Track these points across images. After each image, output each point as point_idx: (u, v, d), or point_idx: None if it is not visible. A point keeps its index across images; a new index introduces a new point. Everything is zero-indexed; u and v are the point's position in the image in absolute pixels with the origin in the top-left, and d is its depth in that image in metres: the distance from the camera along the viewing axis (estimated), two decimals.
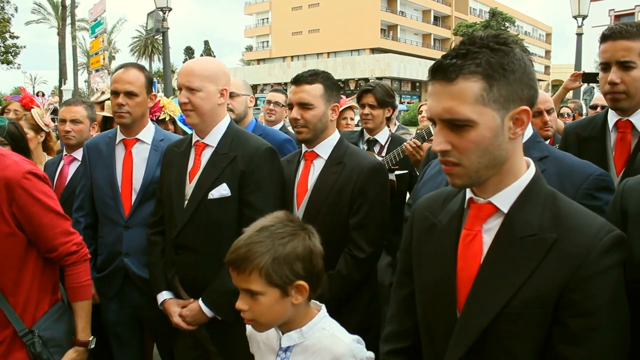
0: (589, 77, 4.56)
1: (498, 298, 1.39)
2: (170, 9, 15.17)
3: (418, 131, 3.99)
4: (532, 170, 1.50)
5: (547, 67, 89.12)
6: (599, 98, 6.29)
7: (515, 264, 1.40)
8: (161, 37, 16.26)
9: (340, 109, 4.01)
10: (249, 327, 1.95)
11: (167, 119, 4.54)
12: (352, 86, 58.01)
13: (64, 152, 3.86)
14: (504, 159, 1.43)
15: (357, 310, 2.77)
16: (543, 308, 1.36)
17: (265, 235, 1.74)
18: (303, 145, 2.93)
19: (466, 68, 1.37)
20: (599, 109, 6.10)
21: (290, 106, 2.86)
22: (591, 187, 2.01)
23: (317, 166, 2.86)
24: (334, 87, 2.92)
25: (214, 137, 2.86)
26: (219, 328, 2.79)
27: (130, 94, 3.15)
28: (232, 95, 3.90)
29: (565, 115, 8.58)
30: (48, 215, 2.39)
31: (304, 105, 2.80)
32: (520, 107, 1.40)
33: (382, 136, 4.12)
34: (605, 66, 2.60)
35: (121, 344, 3.31)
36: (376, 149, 4.17)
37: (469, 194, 1.54)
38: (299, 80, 2.86)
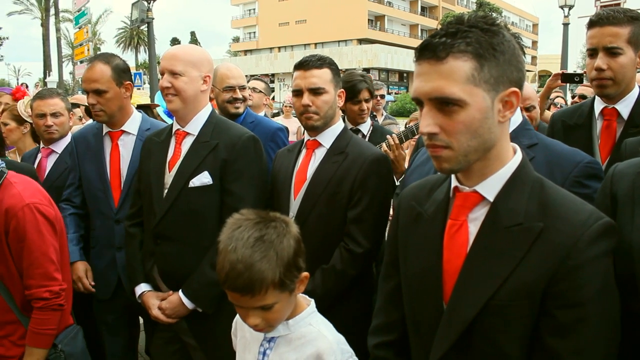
0: (568, 78, 4.56)
1: (484, 290, 1.36)
2: None
3: (407, 125, 3.96)
4: (518, 156, 1.46)
5: (534, 58, 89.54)
6: (583, 88, 6.32)
7: (501, 255, 1.36)
8: (146, 28, 16.13)
9: None
10: (237, 317, 1.92)
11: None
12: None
13: (41, 145, 3.79)
14: (493, 143, 1.39)
15: (351, 307, 2.65)
16: (530, 299, 1.32)
17: (264, 248, 1.64)
18: (305, 133, 2.83)
19: (456, 47, 1.32)
20: (577, 99, 6.14)
21: (296, 93, 2.72)
22: (580, 174, 1.99)
23: (319, 155, 2.74)
24: (339, 73, 2.81)
25: (195, 125, 2.80)
26: (199, 320, 2.74)
27: (98, 92, 3.08)
28: (243, 89, 3.82)
29: (559, 106, 8.62)
30: (34, 254, 2.38)
31: (316, 91, 2.66)
32: (510, 89, 1.37)
33: (365, 126, 4.09)
34: (593, 52, 2.59)
35: (111, 332, 3.28)
36: None
37: (454, 182, 1.50)
38: (307, 64, 2.70)
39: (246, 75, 4.21)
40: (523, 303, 1.33)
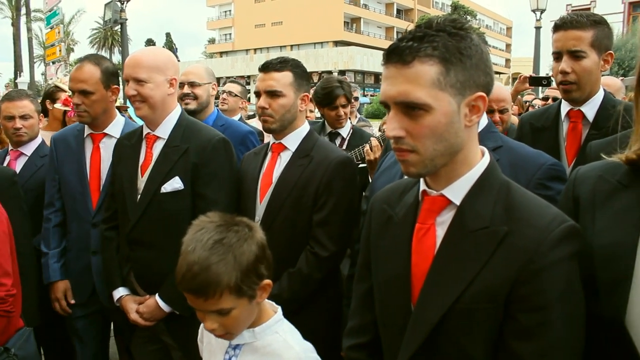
0: (536, 81, 4.63)
1: (449, 293, 1.36)
2: (128, 0, 14.87)
3: (383, 127, 3.99)
4: (486, 159, 1.46)
5: (507, 60, 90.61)
6: (552, 90, 6.44)
7: (466, 258, 1.37)
8: (120, 29, 15.96)
9: None
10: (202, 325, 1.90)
11: None
12: (315, 79, 57.85)
13: (10, 147, 3.72)
14: (460, 147, 1.39)
15: (319, 312, 2.65)
16: (494, 303, 1.33)
17: (223, 251, 1.61)
18: (271, 136, 2.82)
19: (423, 51, 1.32)
20: (550, 101, 6.24)
21: (257, 94, 2.73)
22: (543, 176, 2.01)
23: (284, 159, 2.72)
24: (304, 76, 2.78)
25: (164, 129, 2.79)
26: (177, 323, 2.73)
27: (84, 93, 3.03)
28: (194, 85, 3.84)
29: (528, 104, 8.77)
30: None
31: (272, 94, 2.65)
32: (476, 94, 1.37)
33: (344, 129, 4.11)
34: (557, 55, 2.64)
35: (82, 339, 3.24)
36: (338, 141, 4.16)
37: (422, 186, 1.50)
38: (267, 67, 2.71)
39: (222, 77, 4.21)
40: (487, 306, 1.34)
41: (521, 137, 2.89)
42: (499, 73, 72.97)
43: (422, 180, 1.51)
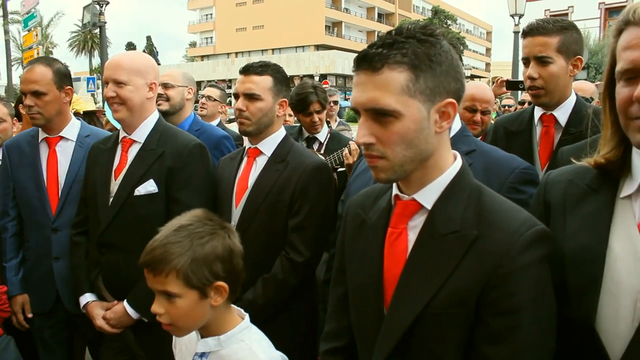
0: (512, 85, 4.66)
1: (420, 298, 1.37)
2: (107, 2, 14.81)
3: None
4: (458, 164, 1.47)
5: (487, 64, 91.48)
6: (527, 94, 6.53)
7: (437, 263, 1.37)
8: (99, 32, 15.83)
9: None
10: None
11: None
12: (296, 83, 57.89)
13: None
14: (430, 153, 1.40)
15: (295, 317, 2.63)
16: (464, 307, 1.33)
17: (184, 235, 1.67)
18: (247, 141, 2.81)
19: (392, 57, 1.33)
20: (526, 105, 6.32)
21: (235, 96, 2.72)
22: (516, 180, 2.02)
23: (260, 163, 2.72)
24: (284, 81, 2.78)
25: (141, 133, 2.77)
26: (145, 330, 2.68)
27: (37, 94, 2.97)
28: (167, 87, 3.83)
29: (507, 107, 8.86)
30: None
31: (251, 97, 2.65)
32: (446, 100, 1.38)
33: (322, 134, 4.10)
34: (526, 61, 2.66)
35: (48, 349, 3.16)
36: (315, 145, 4.15)
37: (395, 190, 1.50)
38: (247, 70, 2.71)
39: (203, 81, 4.20)
40: (458, 311, 1.34)
41: (495, 141, 2.90)
42: (479, 77, 73.60)
43: (394, 184, 1.51)
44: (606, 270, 1.36)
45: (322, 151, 4.06)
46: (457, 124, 2.17)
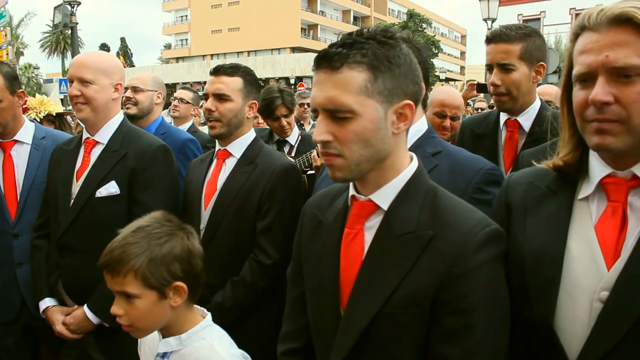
0: (482, 88, 4.73)
1: (376, 298, 1.38)
2: (79, 3, 14.67)
3: None
4: (414, 165, 1.49)
5: (462, 68, 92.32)
6: None
7: (393, 263, 1.38)
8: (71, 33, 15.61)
9: None
10: None
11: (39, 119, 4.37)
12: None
13: None
14: (386, 154, 1.41)
15: (264, 320, 2.61)
16: (420, 307, 1.35)
17: (141, 235, 1.69)
18: (217, 143, 2.80)
19: (352, 57, 1.35)
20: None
21: (205, 97, 2.71)
22: (481, 181, 2.03)
23: (229, 165, 2.72)
24: (254, 83, 2.79)
25: (104, 134, 2.74)
26: (106, 335, 2.64)
27: None
28: (136, 90, 3.81)
29: (479, 110, 8.95)
30: None
31: (220, 97, 2.64)
32: (404, 102, 1.40)
33: (292, 136, 4.10)
34: (490, 68, 2.69)
35: (11, 357, 3.07)
36: (286, 148, 4.15)
37: (351, 191, 1.51)
38: (218, 71, 2.72)
39: (178, 83, 4.18)
40: (414, 311, 1.36)
41: (462, 143, 2.94)
42: (454, 80, 74.32)
43: (351, 185, 1.52)
44: (564, 271, 1.38)
45: (292, 154, 4.06)
46: (423, 126, 2.18)
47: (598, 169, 1.40)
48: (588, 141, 1.35)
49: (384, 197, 1.45)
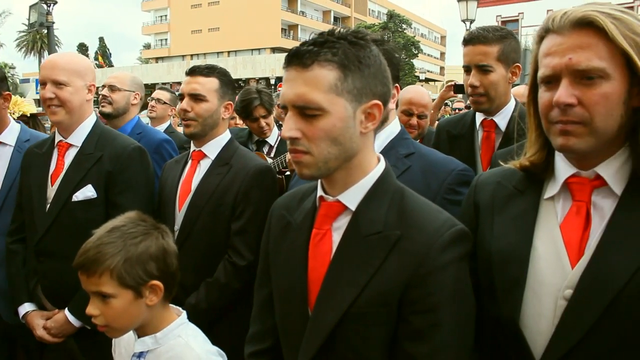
0: (459, 89, 4.78)
1: (344, 298, 1.39)
2: (55, 2, 14.42)
3: None
4: (381, 166, 1.50)
5: (442, 68, 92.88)
6: None
7: (360, 263, 1.39)
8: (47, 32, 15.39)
9: None
10: None
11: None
12: (252, 85, 57.51)
13: None
14: (354, 152, 1.43)
15: (240, 321, 2.52)
16: (387, 306, 1.36)
17: (117, 235, 1.69)
18: (192, 144, 2.79)
19: (322, 55, 1.36)
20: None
21: (181, 97, 2.70)
22: (454, 182, 2.05)
23: (204, 167, 2.71)
24: (230, 85, 2.78)
25: (78, 137, 2.71)
26: (88, 338, 2.62)
27: None
28: (113, 89, 3.78)
29: (457, 111, 9.03)
30: None
31: (196, 97, 2.63)
32: (372, 102, 1.41)
33: (272, 137, 4.10)
34: (467, 69, 2.73)
35: None
36: (265, 149, 4.15)
37: (319, 192, 1.52)
38: (194, 71, 2.71)
39: (158, 83, 4.14)
40: (381, 310, 1.37)
41: (438, 144, 2.96)
42: (434, 80, 74.76)
43: (319, 186, 1.53)
44: (530, 270, 1.41)
45: (272, 154, 4.06)
46: (396, 127, 2.20)
47: (563, 169, 1.43)
48: (553, 142, 1.38)
49: (352, 197, 1.46)
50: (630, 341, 1.28)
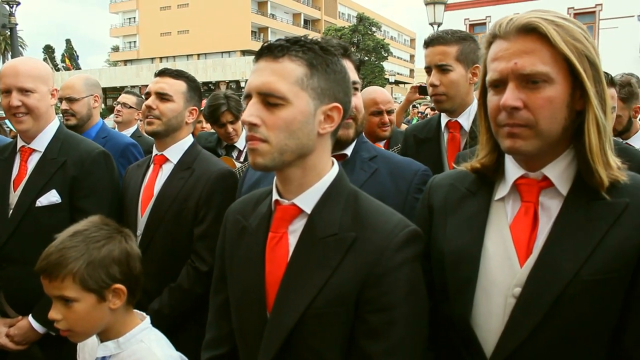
0: (424, 90, 4.85)
1: (302, 299, 1.41)
2: (18, 3, 14.11)
3: None
4: (335, 170, 1.53)
5: (412, 71, 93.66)
6: None
7: (317, 265, 1.42)
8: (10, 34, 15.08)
9: None
10: None
11: None
12: (222, 88, 57.23)
13: None
14: (309, 150, 1.45)
15: (202, 327, 2.57)
16: (345, 306, 1.39)
17: (79, 239, 1.70)
18: (154, 148, 2.78)
19: (294, 51, 1.41)
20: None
21: (147, 96, 2.69)
22: (420, 182, 2.09)
23: (166, 171, 2.69)
24: (197, 91, 2.80)
25: (41, 142, 2.68)
26: (52, 345, 2.59)
27: None
28: (71, 101, 3.73)
29: (423, 116, 9.13)
30: None
31: (162, 96, 2.63)
32: (333, 104, 1.45)
33: (241, 141, 4.10)
34: (428, 70, 2.79)
35: None
36: (235, 154, 4.15)
37: (275, 196, 1.54)
38: (163, 72, 2.73)
39: (127, 87, 4.11)
40: (338, 310, 1.39)
41: (405, 149, 3.03)
42: (404, 83, 75.38)
43: (274, 190, 1.55)
44: (481, 269, 1.45)
45: (241, 159, 4.06)
46: None
47: (512, 170, 1.48)
48: (501, 144, 1.43)
49: (307, 200, 1.48)
50: (575, 336, 1.33)
